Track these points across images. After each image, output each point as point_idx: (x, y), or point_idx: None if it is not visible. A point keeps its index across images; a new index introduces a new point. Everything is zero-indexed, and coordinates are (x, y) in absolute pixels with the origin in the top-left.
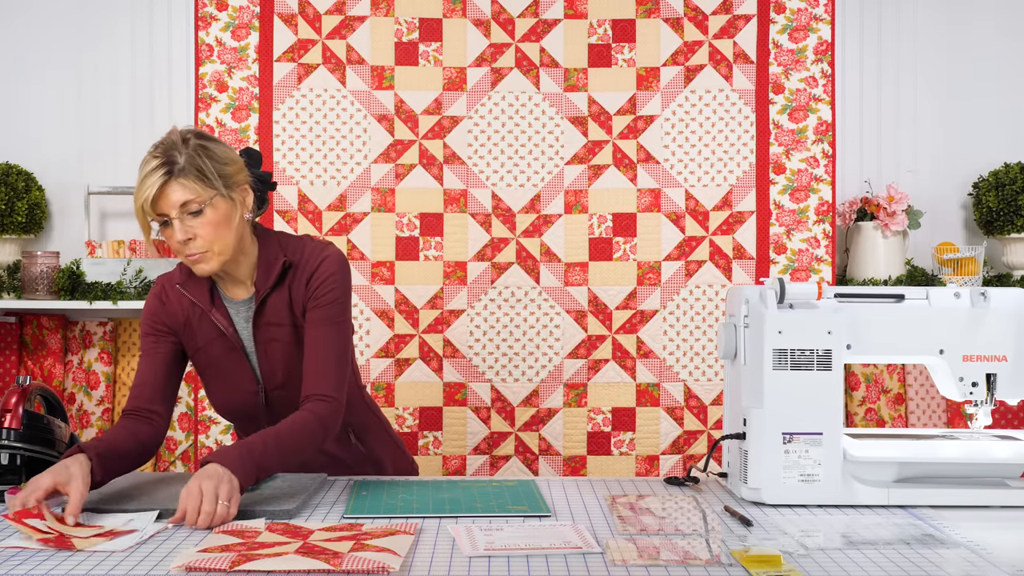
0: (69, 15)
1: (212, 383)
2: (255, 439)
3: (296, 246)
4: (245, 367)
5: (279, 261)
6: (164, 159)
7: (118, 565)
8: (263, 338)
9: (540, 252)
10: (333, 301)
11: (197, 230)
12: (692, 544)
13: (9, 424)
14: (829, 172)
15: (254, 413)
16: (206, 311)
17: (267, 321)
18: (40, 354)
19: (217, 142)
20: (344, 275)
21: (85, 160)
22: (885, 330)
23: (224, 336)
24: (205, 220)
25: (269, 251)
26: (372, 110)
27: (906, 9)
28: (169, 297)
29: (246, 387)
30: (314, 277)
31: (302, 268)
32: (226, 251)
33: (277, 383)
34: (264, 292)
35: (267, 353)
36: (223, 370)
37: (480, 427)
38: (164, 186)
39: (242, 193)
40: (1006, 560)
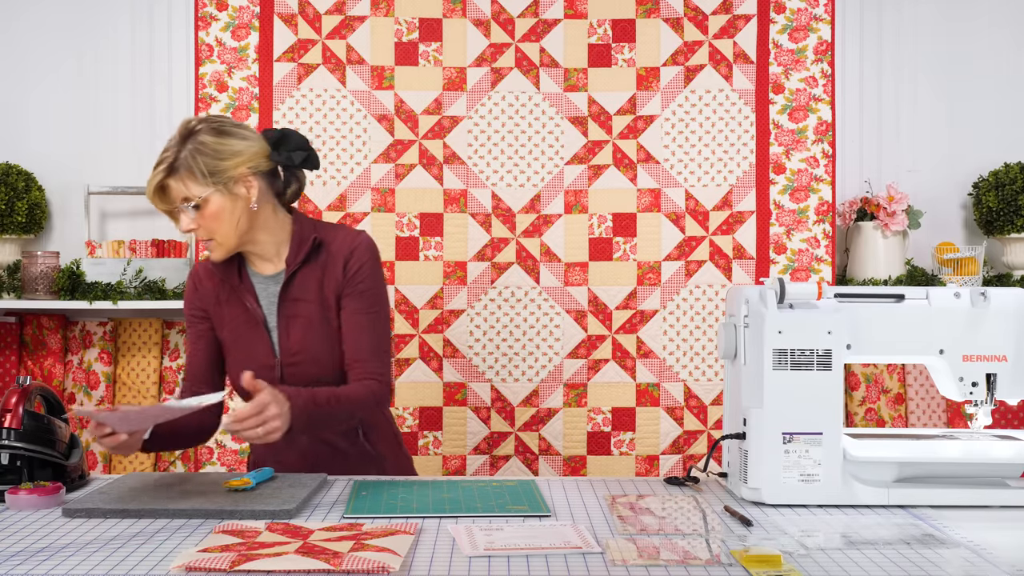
0: (69, 15)
1: (233, 356)
2: (321, 395)
3: (329, 229)
4: (265, 340)
5: (308, 241)
6: (168, 155)
7: (118, 565)
8: (286, 312)
9: (540, 252)
10: (373, 287)
11: (198, 221)
12: (692, 544)
13: (9, 424)
14: (829, 172)
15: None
16: (234, 288)
17: (293, 296)
18: (40, 354)
19: (228, 135)
20: (378, 262)
21: (85, 160)
22: (885, 330)
23: (248, 310)
24: (202, 213)
25: (303, 230)
26: (372, 110)
27: (906, 9)
28: (201, 281)
29: (263, 360)
30: (351, 263)
31: (336, 250)
32: (227, 241)
33: (293, 358)
34: (294, 267)
35: (288, 328)
36: (244, 343)
37: (480, 427)
38: (163, 182)
39: (244, 185)
40: (1006, 560)
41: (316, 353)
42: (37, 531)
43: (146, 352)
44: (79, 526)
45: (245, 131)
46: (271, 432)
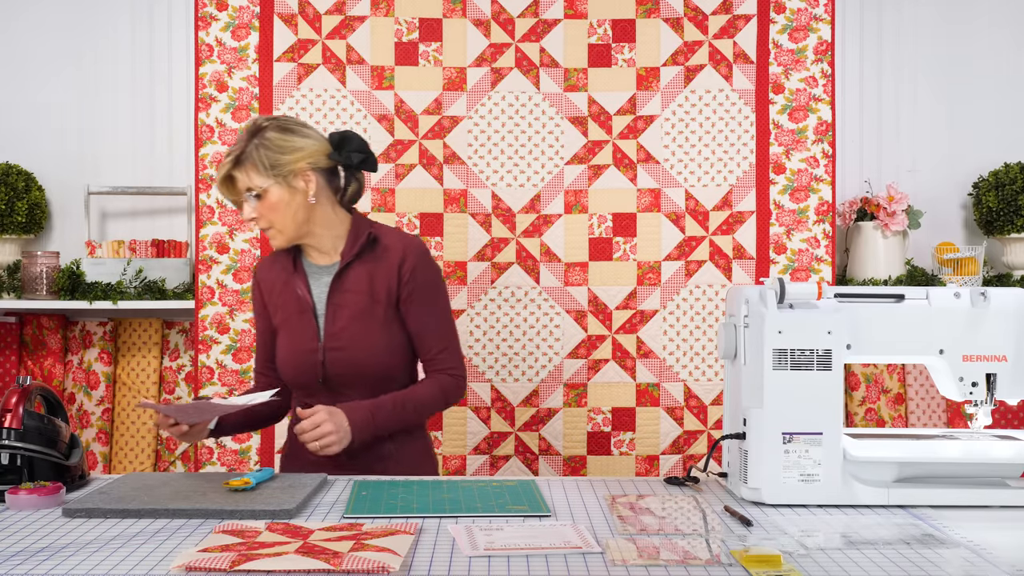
0: (69, 15)
1: (282, 341)
2: (384, 405)
3: (385, 229)
4: (311, 326)
5: (363, 235)
6: (236, 148)
7: (118, 565)
8: (335, 301)
9: (540, 252)
10: (431, 287)
11: (259, 211)
12: (692, 544)
13: (9, 424)
14: (829, 172)
15: (312, 373)
16: (289, 276)
17: (344, 287)
18: (40, 354)
19: (291, 132)
20: (432, 262)
21: (85, 160)
22: (885, 330)
23: (299, 297)
24: (263, 204)
25: (359, 228)
26: (372, 110)
27: (906, 9)
28: (260, 271)
29: (307, 344)
30: (405, 266)
31: (390, 250)
32: (286, 230)
33: (335, 343)
34: (348, 259)
35: (334, 315)
36: (292, 328)
37: (480, 427)
38: (229, 173)
39: (303, 179)
40: (1006, 560)
41: (358, 341)
42: (37, 531)
43: (146, 352)
44: (79, 526)
45: (308, 130)
46: (326, 447)
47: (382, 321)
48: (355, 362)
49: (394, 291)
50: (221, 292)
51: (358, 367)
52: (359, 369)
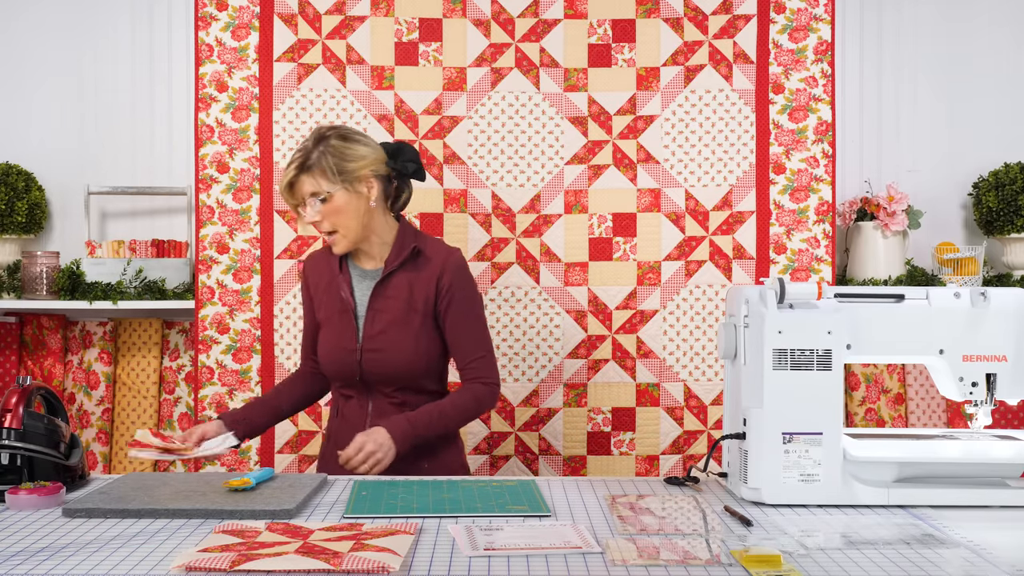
0: (69, 15)
1: (323, 337)
2: (422, 414)
3: (428, 241)
4: (351, 327)
5: (408, 247)
6: (302, 155)
7: (118, 565)
8: (376, 306)
9: (540, 252)
10: (468, 298)
11: (323, 213)
12: (692, 544)
13: (9, 424)
14: (829, 172)
15: (350, 371)
16: (334, 276)
17: (386, 293)
18: (40, 354)
19: (354, 141)
20: (469, 276)
21: (85, 160)
22: (885, 330)
23: (342, 298)
24: (328, 207)
25: (405, 237)
26: (372, 110)
27: (906, 9)
28: (308, 267)
29: (347, 344)
30: (443, 279)
31: (431, 262)
32: (350, 234)
33: (373, 345)
34: (392, 267)
35: (374, 319)
36: (334, 326)
37: (480, 427)
38: (296, 178)
39: (366, 185)
40: (1006, 560)
41: (393, 345)
42: (37, 531)
43: (146, 352)
44: (79, 526)
45: (367, 139)
46: (375, 465)
47: (417, 328)
48: (390, 364)
49: (431, 301)
50: (221, 292)
51: (392, 369)
52: (393, 370)
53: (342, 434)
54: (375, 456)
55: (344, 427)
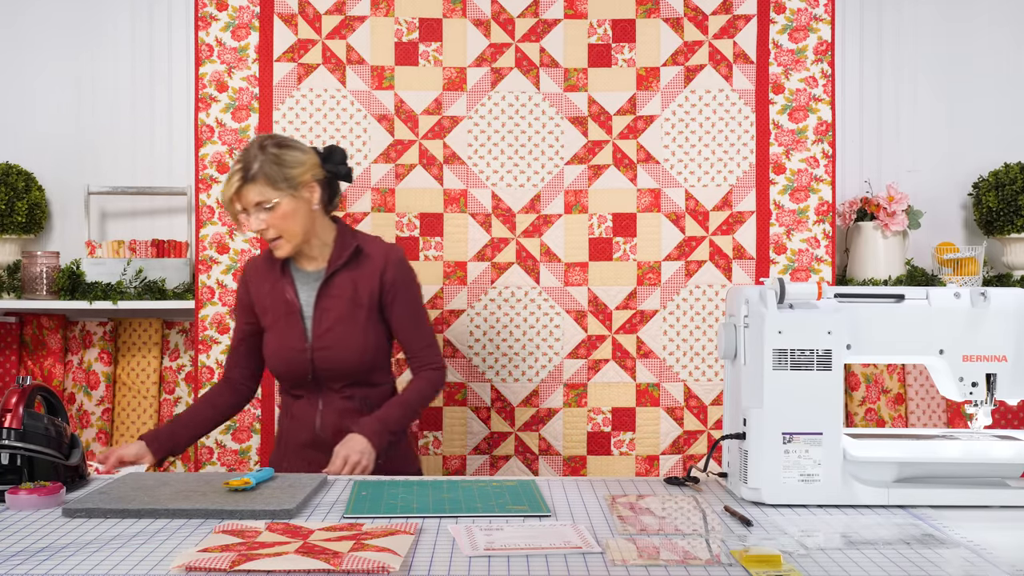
0: (69, 15)
1: (270, 340)
2: (390, 411)
3: (368, 239)
4: (299, 327)
5: (350, 246)
6: (243, 165)
7: (118, 565)
8: (322, 305)
9: (540, 252)
10: (410, 291)
11: (269, 222)
12: (692, 544)
13: (9, 424)
14: (829, 172)
15: (301, 370)
16: (277, 280)
17: (330, 292)
18: (40, 354)
19: (291, 147)
20: (410, 269)
21: (85, 160)
22: (885, 330)
23: (287, 300)
24: (274, 214)
25: (345, 237)
26: (372, 110)
27: (906, 9)
28: (248, 273)
29: (296, 344)
30: (387, 274)
31: (373, 259)
32: (294, 239)
33: (323, 343)
34: (335, 267)
35: (321, 318)
36: (281, 329)
37: (480, 427)
38: (240, 188)
39: (308, 190)
40: (1006, 560)
41: (343, 341)
42: (37, 531)
43: (146, 352)
44: (79, 526)
45: (303, 145)
46: (358, 468)
47: (364, 323)
48: (340, 360)
49: (376, 296)
50: (221, 292)
51: (343, 364)
52: (344, 366)
53: (293, 434)
54: (360, 464)
55: (295, 426)
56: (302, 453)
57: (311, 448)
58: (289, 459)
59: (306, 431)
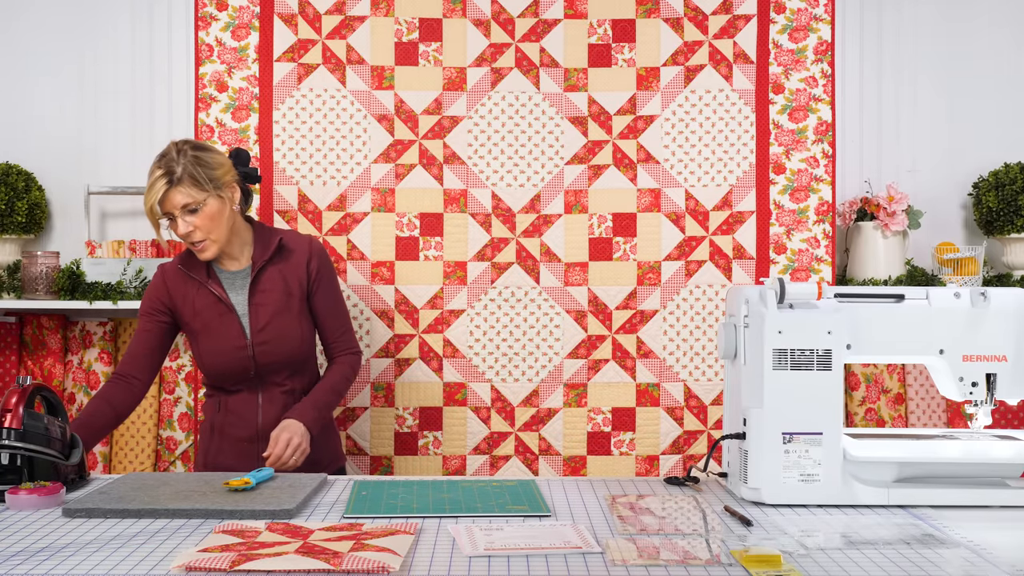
0: (69, 15)
1: (205, 343)
2: (319, 396)
3: (286, 233)
4: (236, 325)
5: (275, 241)
6: (166, 170)
7: (118, 565)
8: (255, 301)
9: (540, 252)
10: (333, 280)
11: (196, 223)
12: (692, 544)
13: (9, 424)
14: (829, 172)
15: (243, 367)
16: (203, 283)
17: (261, 288)
18: (40, 354)
19: (209, 150)
20: (330, 259)
21: (85, 160)
22: (885, 330)
23: (219, 302)
24: (201, 216)
25: (263, 234)
26: (372, 110)
27: (906, 9)
28: (168, 279)
29: (235, 342)
30: (312, 263)
31: (297, 251)
32: (221, 239)
33: (262, 337)
34: (261, 263)
35: (257, 314)
36: (216, 330)
37: (480, 427)
38: (167, 192)
39: (230, 190)
40: (1006, 560)
41: (283, 333)
42: (37, 531)
43: None
44: (79, 526)
45: (217, 147)
46: (299, 451)
47: (297, 313)
48: (281, 352)
49: (304, 286)
50: None
51: (284, 356)
52: (285, 357)
53: (231, 428)
54: (301, 447)
55: (233, 421)
56: (241, 447)
57: (251, 442)
58: (227, 453)
59: (247, 426)
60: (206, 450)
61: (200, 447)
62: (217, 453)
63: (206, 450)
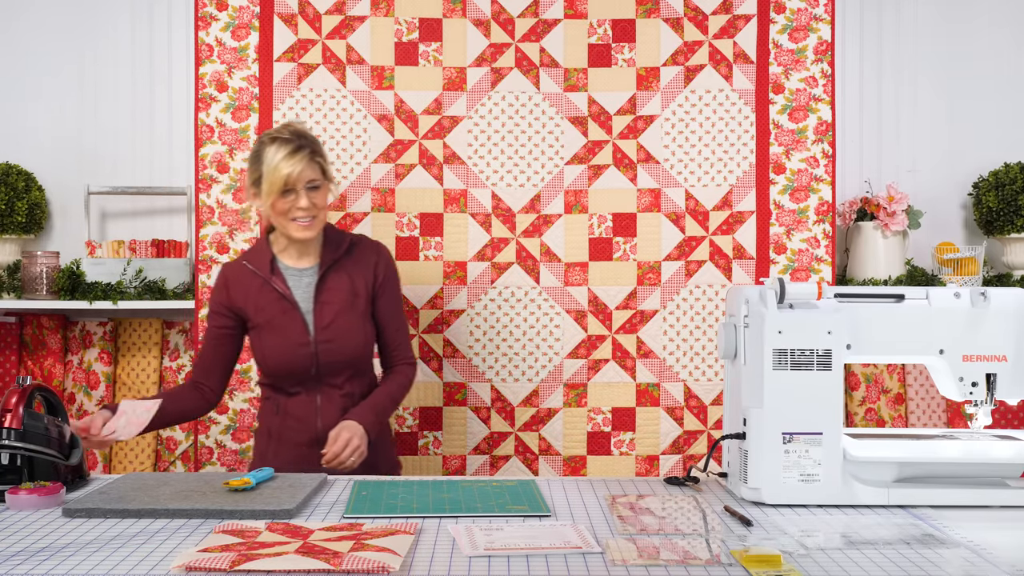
0: (69, 15)
1: (268, 339)
2: (378, 401)
3: (354, 235)
4: (299, 322)
5: (345, 242)
6: (301, 143)
7: (118, 565)
8: (321, 299)
9: (540, 252)
10: (397, 286)
11: (314, 200)
12: (692, 544)
13: (9, 424)
14: (829, 172)
15: (304, 365)
16: (267, 279)
17: (328, 287)
18: (40, 354)
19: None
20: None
21: (85, 160)
22: (885, 330)
23: (284, 298)
24: (319, 195)
25: (334, 234)
26: (372, 110)
27: (906, 9)
28: (229, 279)
29: (298, 339)
30: (379, 267)
31: (367, 253)
32: (323, 222)
33: (326, 335)
34: (329, 263)
35: (322, 312)
36: (280, 327)
37: (480, 427)
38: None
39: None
40: (1006, 560)
41: (346, 333)
42: (37, 531)
43: (146, 352)
44: (79, 526)
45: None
46: (357, 452)
47: (361, 315)
48: (344, 352)
49: (370, 288)
50: None
51: (347, 356)
52: (347, 357)
53: (291, 432)
54: (359, 449)
55: (293, 425)
56: (300, 452)
57: (310, 446)
58: (285, 459)
59: (307, 430)
60: (262, 455)
61: (256, 453)
62: (274, 459)
63: (262, 455)
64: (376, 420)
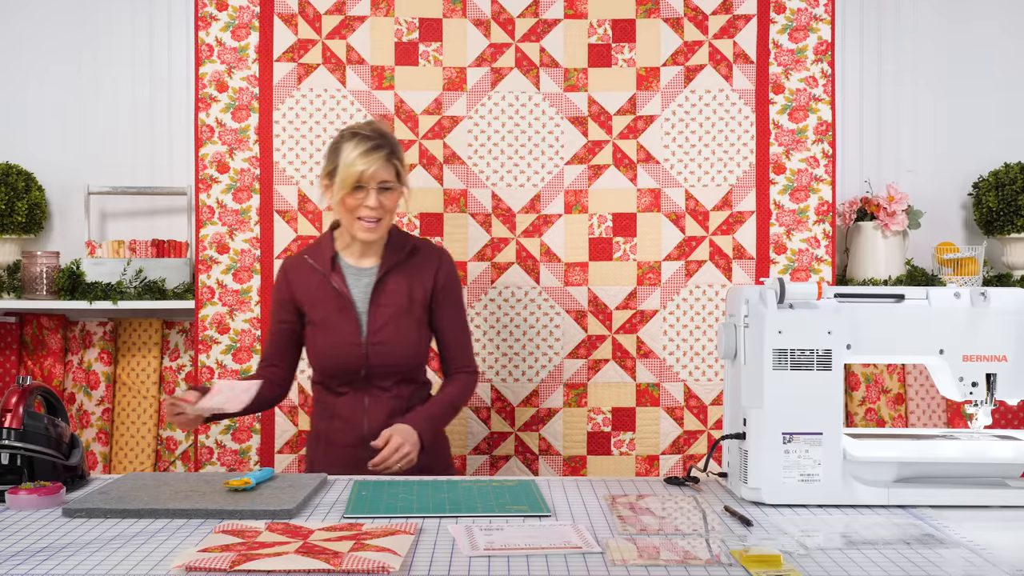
0: (69, 15)
1: (321, 335)
2: (436, 409)
3: (418, 240)
4: (353, 322)
5: (408, 245)
6: (381, 142)
7: (118, 565)
8: (378, 300)
9: (540, 252)
10: (460, 293)
11: (381, 201)
12: (692, 544)
13: (9, 424)
14: (829, 172)
15: (354, 365)
16: (326, 275)
17: (386, 289)
18: (40, 354)
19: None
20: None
21: (85, 160)
22: (885, 330)
23: (340, 296)
24: (389, 197)
25: (398, 237)
26: (372, 110)
27: (906, 9)
28: (290, 272)
29: (351, 339)
30: (441, 272)
31: (430, 257)
32: (389, 226)
33: (378, 337)
34: (390, 265)
35: (376, 313)
36: (333, 323)
37: (480, 427)
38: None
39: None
40: (1006, 560)
41: (399, 337)
42: (37, 531)
43: (146, 352)
44: (79, 526)
45: None
46: (406, 460)
47: (417, 321)
48: (395, 355)
49: (429, 294)
50: (221, 292)
51: (398, 360)
52: (398, 362)
53: (339, 434)
54: (409, 456)
55: (340, 427)
56: (347, 454)
57: (356, 448)
58: (333, 462)
59: (354, 432)
60: (312, 460)
61: (307, 458)
62: (323, 460)
63: (312, 460)
64: (431, 428)
